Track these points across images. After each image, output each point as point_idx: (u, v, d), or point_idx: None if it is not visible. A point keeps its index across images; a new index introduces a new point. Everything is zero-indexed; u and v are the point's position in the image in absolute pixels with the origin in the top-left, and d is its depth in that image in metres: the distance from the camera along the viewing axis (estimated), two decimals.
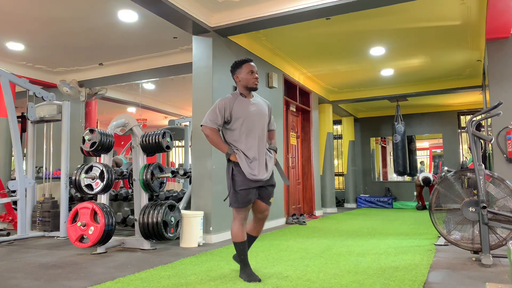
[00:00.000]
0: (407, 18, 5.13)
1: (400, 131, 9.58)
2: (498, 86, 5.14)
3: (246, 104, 2.90)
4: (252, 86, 2.92)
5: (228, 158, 2.84)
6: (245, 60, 2.96)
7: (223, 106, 2.86)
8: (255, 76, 2.91)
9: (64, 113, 5.23)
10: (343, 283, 2.74)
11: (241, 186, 2.78)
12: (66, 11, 4.86)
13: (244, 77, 2.92)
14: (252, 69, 2.92)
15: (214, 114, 2.85)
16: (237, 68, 2.97)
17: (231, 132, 2.88)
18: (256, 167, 2.80)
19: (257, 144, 2.85)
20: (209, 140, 2.87)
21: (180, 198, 5.52)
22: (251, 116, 2.87)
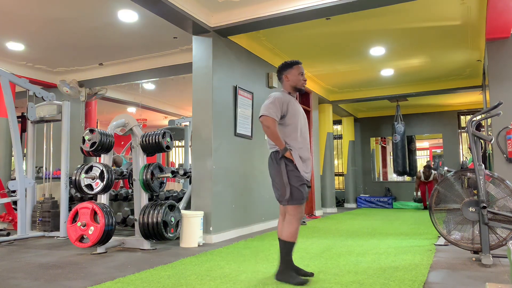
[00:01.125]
0: (407, 18, 5.13)
1: (400, 131, 9.58)
2: (498, 86, 5.14)
3: (296, 103, 2.99)
4: (301, 87, 3.00)
5: (283, 154, 2.80)
6: (296, 62, 3.03)
7: (282, 100, 2.85)
8: (304, 78, 3.00)
9: (64, 113, 5.23)
10: (343, 283, 2.74)
11: (297, 182, 2.79)
12: (66, 11, 4.86)
13: (294, 78, 2.98)
14: (302, 71, 3.00)
15: (274, 106, 2.80)
16: (287, 68, 3.01)
17: (284, 127, 2.87)
18: (307, 165, 2.89)
19: (306, 143, 2.93)
20: (269, 132, 2.78)
21: (180, 198, 5.52)
22: (300, 115, 2.96)
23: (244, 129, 5.48)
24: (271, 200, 6.12)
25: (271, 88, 6.30)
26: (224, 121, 5.08)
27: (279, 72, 3.05)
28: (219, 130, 4.96)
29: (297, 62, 3.02)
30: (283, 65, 3.04)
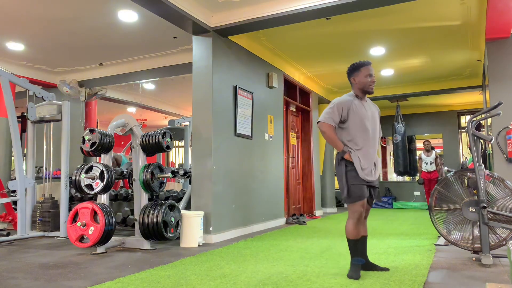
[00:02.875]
0: (407, 18, 5.13)
1: (400, 131, 9.58)
2: (498, 86, 5.14)
3: (361, 106, 2.98)
4: (368, 89, 2.97)
5: (342, 156, 2.92)
6: (364, 63, 2.99)
7: (341, 104, 2.95)
8: (373, 80, 2.95)
9: (64, 113, 5.23)
10: (343, 283, 2.74)
11: (354, 181, 2.88)
12: (66, 11, 4.85)
13: (362, 80, 2.96)
14: (370, 72, 2.96)
15: (332, 111, 2.94)
16: (355, 70, 3.01)
17: (346, 131, 2.94)
18: (367, 167, 2.90)
19: (369, 146, 2.94)
20: (325, 137, 2.95)
21: (180, 198, 5.52)
22: (366, 118, 2.95)
23: (244, 129, 5.48)
24: (271, 200, 6.12)
25: (271, 88, 6.30)
26: (224, 121, 5.08)
27: (348, 75, 3.07)
28: (219, 130, 4.96)
29: (364, 63, 2.99)
30: (351, 68, 3.04)
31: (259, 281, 2.81)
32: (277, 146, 6.48)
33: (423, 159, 8.96)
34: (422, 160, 9.01)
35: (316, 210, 7.97)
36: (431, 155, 8.90)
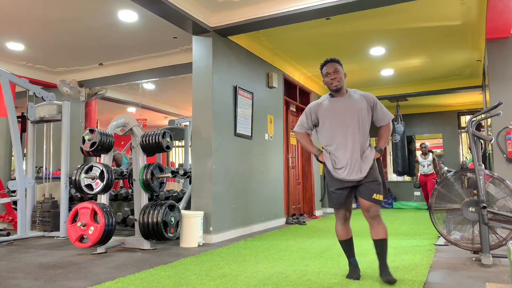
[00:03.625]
0: (407, 18, 5.13)
1: (400, 131, 9.57)
2: (498, 86, 5.14)
3: (333, 104, 2.90)
4: (331, 87, 2.90)
5: (317, 159, 2.92)
6: (325, 63, 2.97)
7: (309, 110, 2.98)
8: (332, 77, 2.88)
9: (64, 113, 5.23)
10: (343, 283, 2.74)
11: (331, 187, 2.85)
12: (66, 11, 4.85)
13: (325, 80, 2.96)
14: (327, 70, 2.91)
15: (302, 119, 3.01)
16: (320, 71, 3.02)
17: (321, 133, 2.94)
18: (344, 165, 2.78)
19: (347, 141, 2.81)
20: (300, 144, 2.96)
21: (180, 198, 5.52)
22: (339, 115, 2.86)
23: (244, 129, 5.48)
24: (271, 200, 6.12)
25: (271, 88, 6.30)
26: (224, 121, 5.08)
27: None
28: (219, 130, 4.96)
29: (324, 63, 2.97)
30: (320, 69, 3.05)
31: (259, 281, 2.81)
32: (277, 146, 6.48)
33: (420, 162, 8.90)
34: (419, 163, 8.95)
35: (316, 210, 7.97)
36: (428, 158, 8.83)
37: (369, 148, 2.87)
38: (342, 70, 2.95)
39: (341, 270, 3.11)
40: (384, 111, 2.93)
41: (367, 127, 2.89)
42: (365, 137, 2.87)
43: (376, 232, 2.80)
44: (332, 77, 2.88)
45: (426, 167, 8.80)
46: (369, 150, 2.85)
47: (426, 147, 8.88)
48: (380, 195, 2.77)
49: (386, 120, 2.93)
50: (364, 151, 2.83)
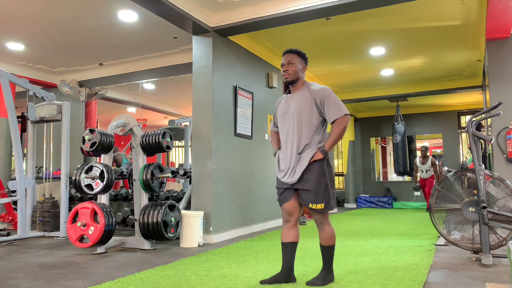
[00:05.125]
0: (407, 18, 5.13)
1: (400, 131, 9.57)
2: (498, 86, 5.14)
3: (285, 102, 2.77)
4: (284, 81, 2.76)
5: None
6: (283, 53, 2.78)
7: (275, 107, 2.91)
8: (283, 69, 2.71)
9: (64, 113, 5.23)
10: (343, 283, 2.74)
11: (276, 184, 2.79)
12: (66, 11, 4.85)
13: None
14: (282, 61, 2.73)
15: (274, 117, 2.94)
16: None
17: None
18: (284, 167, 2.68)
19: (288, 143, 2.69)
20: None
21: (180, 198, 5.52)
22: (285, 113, 2.74)
23: (244, 129, 5.48)
24: (271, 200, 6.12)
25: (271, 88, 6.30)
26: (224, 121, 5.08)
27: None
28: (219, 130, 4.96)
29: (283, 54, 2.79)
30: None
31: (259, 281, 2.81)
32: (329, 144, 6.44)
33: (419, 167, 8.70)
34: (417, 167, 8.75)
35: None
36: (427, 162, 8.58)
37: (310, 148, 2.62)
38: (300, 62, 2.73)
39: (341, 270, 3.11)
40: (334, 107, 2.61)
41: (311, 126, 2.65)
42: (308, 137, 2.64)
43: (321, 237, 2.70)
44: (284, 69, 2.71)
45: (424, 173, 8.61)
46: (308, 151, 2.61)
47: (426, 149, 8.69)
48: (318, 205, 2.56)
49: (333, 117, 2.62)
50: (303, 152, 2.63)
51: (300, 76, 2.73)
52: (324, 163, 2.62)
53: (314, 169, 2.59)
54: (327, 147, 2.61)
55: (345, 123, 2.60)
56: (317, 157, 2.59)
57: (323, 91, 2.67)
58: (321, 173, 2.59)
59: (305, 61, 2.77)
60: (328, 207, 2.59)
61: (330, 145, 2.62)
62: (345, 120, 2.60)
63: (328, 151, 2.62)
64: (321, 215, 2.64)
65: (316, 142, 2.65)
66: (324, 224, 2.67)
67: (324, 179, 2.59)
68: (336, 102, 2.63)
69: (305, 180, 2.60)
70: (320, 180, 2.58)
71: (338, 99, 2.66)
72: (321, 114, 2.66)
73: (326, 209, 2.59)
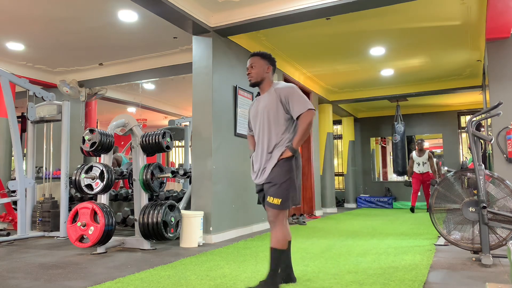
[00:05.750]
0: (407, 18, 5.13)
1: (400, 131, 9.57)
2: (498, 86, 5.14)
3: (256, 104, 2.78)
4: (249, 83, 2.77)
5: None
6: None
7: (248, 113, 2.90)
8: (247, 73, 2.74)
9: (64, 113, 5.23)
10: (343, 283, 2.74)
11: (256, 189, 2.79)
12: (66, 11, 4.86)
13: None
14: (247, 66, 2.76)
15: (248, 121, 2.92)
16: None
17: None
18: (256, 169, 2.68)
19: (259, 144, 2.69)
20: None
21: (180, 198, 5.52)
22: (256, 115, 2.74)
23: (244, 129, 5.48)
24: None
25: None
26: (224, 121, 5.08)
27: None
28: (219, 130, 4.96)
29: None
30: None
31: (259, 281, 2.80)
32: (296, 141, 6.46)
33: (415, 159, 8.57)
34: (413, 161, 8.60)
35: (316, 210, 7.97)
36: (423, 155, 8.46)
37: (280, 147, 2.59)
38: (263, 64, 2.72)
39: (341, 270, 3.11)
40: (298, 103, 2.58)
41: (280, 125, 2.62)
42: (278, 136, 2.61)
43: (271, 238, 2.57)
44: (248, 73, 2.74)
45: (421, 165, 8.48)
46: (278, 150, 2.59)
47: (423, 141, 8.59)
48: (275, 199, 2.49)
49: (297, 113, 2.58)
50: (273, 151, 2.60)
51: (264, 77, 2.73)
52: (293, 161, 2.57)
53: (281, 165, 2.55)
54: (294, 144, 2.56)
55: (310, 118, 2.56)
56: (286, 155, 2.55)
57: (287, 88, 2.65)
58: (287, 169, 2.54)
59: (270, 62, 2.76)
60: (284, 205, 2.50)
61: (297, 142, 2.56)
62: (309, 114, 2.56)
63: (296, 148, 2.57)
64: (275, 213, 2.54)
65: (286, 140, 2.61)
66: (277, 225, 2.55)
67: (288, 175, 2.53)
68: (300, 98, 2.61)
69: (270, 175, 2.58)
70: (284, 175, 2.53)
71: (302, 95, 2.64)
72: (288, 112, 2.63)
73: (282, 206, 2.50)
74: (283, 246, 2.54)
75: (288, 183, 2.52)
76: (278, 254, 2.54)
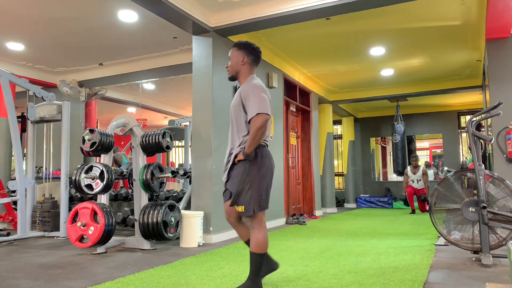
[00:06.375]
0: (407, 18, 5.13)
1: (400, 131, 9.58)
2: (498, 86, 5.14)
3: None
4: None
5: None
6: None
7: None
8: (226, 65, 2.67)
9: (64, 113, 5.23)
10: (343, 283, 2.74)
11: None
12: (66, 11, 4.86)
13: None
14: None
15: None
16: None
17: None
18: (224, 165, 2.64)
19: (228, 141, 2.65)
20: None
21: (180, 198, 5.52)
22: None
23: None
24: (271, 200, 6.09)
25: (271, 88, 6.30)
26: (224, 121, 5.08)
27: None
28: (219, 130, 4.96)
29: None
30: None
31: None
32: (277, 146, 6.48)
33: (410, 176, 8.54)
34: (408, 177, 8.59)
35: (316, 210, 7.97)
36: (418, 172, 8.45)
37: (240, 147, 2.51)
38: (238, 55, 2.60)
39: (341, 270, 3.12)
40: (251, 106, 2.43)
41: (241, 125, 2.52)
42: (240, 135, 2.53)
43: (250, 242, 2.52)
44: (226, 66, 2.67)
45: (416, 183, 8.46)
46: (237, 150, 2.51)
47: (417, 158, 8.59)
48: (238, 207, 2.43)
49: (248, 116, 2.45)
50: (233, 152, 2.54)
51: (238, 70, 2.61)
52: (247, 165, 2.44)
53: (238, 170, 2.48)
54: (246, 148, 2.43)
55: (258, 123, 2.38)
56: (239, 158, 2.46)
57: (247, 89, 2.50)
58: (241, 174, 2.45)
59: (246, 52, 2.60)
60: (248, 210, 2.41)
61: (247, 146, 2.42)
62: (258, 119, 2.39)
63: (249, 153, 2.42)
64: (249, 219, 2.47)
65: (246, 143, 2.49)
66: (253, 229, 2.47)
67: (243, 180, 2.43)
68: (255, 100, 2.43)
69: (230, 180, 2.53)
70: (240, 181, 2.44)
71: (259, 97, 2.44)
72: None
73: (246, 212, 2.42)
74: (263, 250, 2.47)
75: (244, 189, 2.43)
76: (259, 258, 2.47)
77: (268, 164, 2.52)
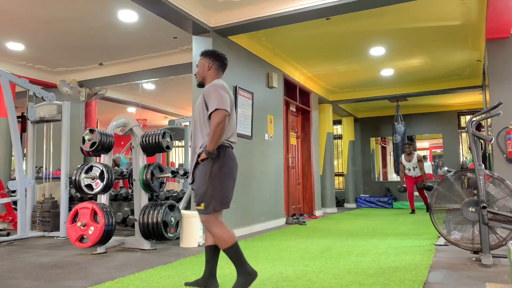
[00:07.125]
0: (407, 18, 5.13)
1: (400, 131, 9.58)
2: (498, 86, 5.14)
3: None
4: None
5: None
6: None
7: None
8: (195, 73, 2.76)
9: (64, 113, 5.23)
10: (343, 283, 2.74)
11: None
12: (66, 11, 4.86)
13: None
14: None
15: None
16: None
17: None
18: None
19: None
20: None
21: (180, 198, 5.52)
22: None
23: (244, 129, 5.48)
24: (271, 200, 6.12)
25: (271, 88, 6.30)
26: None
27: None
28: None
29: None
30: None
31: (259, 281, 2.81)
32: (277, 146, 6.48)
33: (405, 165, 8.34)
34: (404, 166, 8.37)
35: (316, 210, 7.97)
36: (412, 159, 8.24)
37: (201, 148, 2.52)
38: (203, 62, 2.68)
39: (341, 270, 3.11)
40: (211, 103, 2.47)
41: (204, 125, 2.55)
42: (203, 137, 2.54)
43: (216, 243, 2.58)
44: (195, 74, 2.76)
45: (412, 171, 8.28)
46: (200, 151, 2.53)
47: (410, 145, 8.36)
48: (200, 204, 2.48)
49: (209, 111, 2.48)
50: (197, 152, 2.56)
51: (204, 76, 2.69)
52: (210, 163, 2.47)
53: (200, 169, 2.50)
54: (207, 146, 2.45)
55: (217, 119, 2.41)
56: (202, 157, 2.48)
57: (208, 87, 2.55)
58: (204, 173, 2.47)
59: (212, 58, 2.68)
60: (208, 209, 2.46)
61: (209, 143, 2.44)
62: (216, 115, 2.42)
63: (211, 151, 2.44)
64: (203, 218, 2.51)
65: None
66: (212, 228, 2.52)
67: (206, 179, 2.46)
68: (215, 97, 2.46)
69: (194, 180, 2.56)
70: (202, 180, 2.47)
71: (219, 95, 2.47)
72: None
73: (206, 210, 2.46)
74: (231, 243, 2.51)
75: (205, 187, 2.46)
76: (232, 251, 2.51)
77: (231, 164, 2.55)
